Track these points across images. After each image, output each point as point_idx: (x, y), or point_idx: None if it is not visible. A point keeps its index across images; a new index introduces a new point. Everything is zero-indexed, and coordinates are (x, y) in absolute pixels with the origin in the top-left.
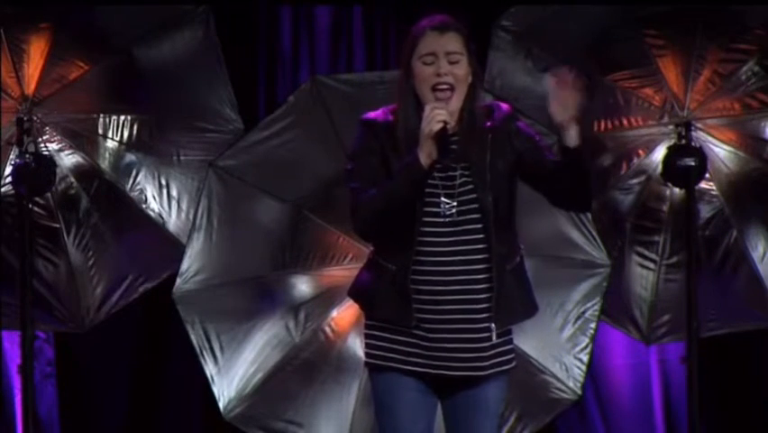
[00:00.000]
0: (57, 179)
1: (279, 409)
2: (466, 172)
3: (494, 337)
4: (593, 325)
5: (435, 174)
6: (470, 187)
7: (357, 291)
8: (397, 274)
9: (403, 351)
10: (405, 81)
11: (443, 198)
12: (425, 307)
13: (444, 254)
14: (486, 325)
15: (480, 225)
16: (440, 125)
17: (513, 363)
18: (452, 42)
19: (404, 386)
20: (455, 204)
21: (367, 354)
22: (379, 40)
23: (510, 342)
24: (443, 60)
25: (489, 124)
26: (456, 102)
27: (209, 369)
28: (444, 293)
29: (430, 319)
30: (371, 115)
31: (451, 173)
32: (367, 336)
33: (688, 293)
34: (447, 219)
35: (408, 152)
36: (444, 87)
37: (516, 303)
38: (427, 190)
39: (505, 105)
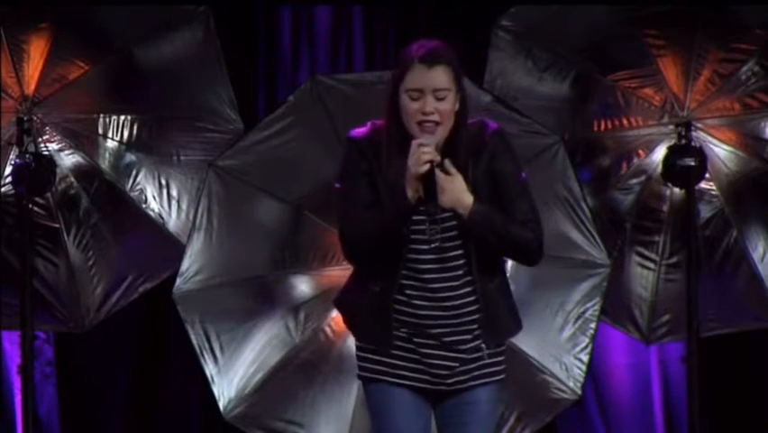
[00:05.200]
0: (57, 179)
1: (279, 409)
2: None
3: (486, 357)
4: (593, 325)
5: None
6: (452, 216)
7: (342, 306)
8: (380, 296)
9: (391, 363)
10: (390, 106)
11: (427, 225)
12: (409, 328)
13: (429, 280)
14: (474, 344)
15: (462, 252)
16: (427, 167)
17: (503, 375)
18: (440, 78)
19: (396, 394)
20: (439, 230)
21: (359, 367)
22: (379, 40)
23: (501, 354)
24: (429, 98)
25: (479, 143)
26: (442, 133)
27: (209, 369)
28: (429, 318)
29: (416, 335)
30: (358, 133)
31: (434, 201)
32: (357, 349)
33: (688, 293)
34: (432, 246)
35: (394, 172)
36: (429, 124)
37: (503, 321)
38: (415, 218)
39: (493, 124)
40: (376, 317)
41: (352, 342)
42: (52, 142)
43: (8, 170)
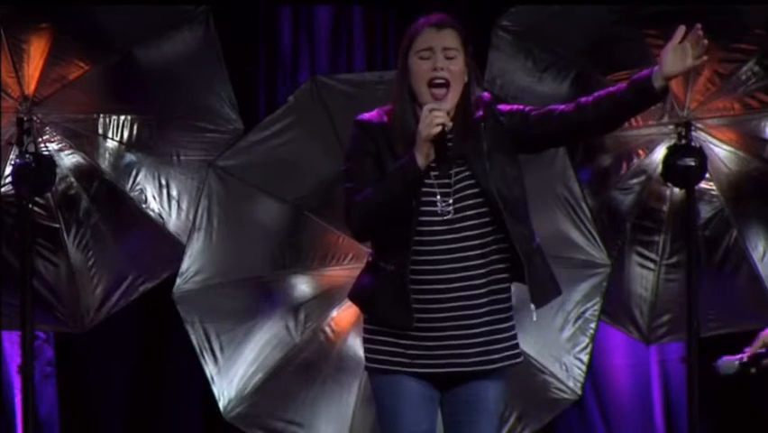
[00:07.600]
0: (57, 179)
1: (279, 409)
2: (463, 168)
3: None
4: (593, 325)
5: (431, 174)
6: (469, 182)
7: (357, 294)
8: (395, 275)
9: (406, 354)
10: (401, 80)
11: (439, 197)
12: (425, 306)
13: (442, 252)
14: (484, 319)
15: (476, 222)
16: (438, 129)
17: (521, 358)
18: (449, 38)
19: (407, 388)
20: (452, 202)
21: (368, 359)
22: (379, 40)
23: (516, 336)
24: (439, 55)
25: (478, 114)
26: (452, 99)
27: (209, 369)
28: (443, 291)
29: (431, 318)
30: (366, 116)
31: (446, 171)
32: (367, 341)
33: (688, 293)
34: (444, 218)
35: (405, 151)
36: (440, 81)
37: (548, 281)
38: (424, 190)
39: (486, 94)
40: (393, 296)
41: (352, 342)
42: (52, 142)
43: (8, 170)
